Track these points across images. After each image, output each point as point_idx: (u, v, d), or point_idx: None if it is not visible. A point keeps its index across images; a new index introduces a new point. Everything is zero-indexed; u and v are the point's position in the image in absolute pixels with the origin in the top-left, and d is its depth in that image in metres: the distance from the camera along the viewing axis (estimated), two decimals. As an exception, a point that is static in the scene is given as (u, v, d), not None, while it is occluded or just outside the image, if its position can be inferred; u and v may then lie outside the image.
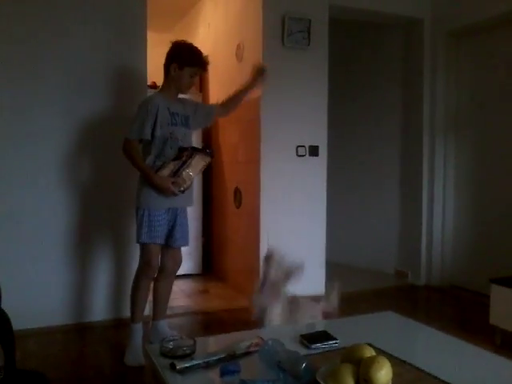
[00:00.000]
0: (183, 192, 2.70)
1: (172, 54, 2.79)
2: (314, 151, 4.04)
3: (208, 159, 2.78)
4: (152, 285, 2.92)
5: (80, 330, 3.28)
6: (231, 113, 3.19)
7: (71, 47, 3.29)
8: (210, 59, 2.86)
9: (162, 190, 2.66)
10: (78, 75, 3.32)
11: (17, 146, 3.19)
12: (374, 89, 5.05)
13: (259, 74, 3.07)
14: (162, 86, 2.89)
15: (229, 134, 4.50)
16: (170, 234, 2.82)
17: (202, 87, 5.00)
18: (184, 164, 2.67)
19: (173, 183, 2.64)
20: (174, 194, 2.67)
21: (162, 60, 2.83)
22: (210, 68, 2.96)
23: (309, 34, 3.91)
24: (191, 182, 2.72)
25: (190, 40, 2.95)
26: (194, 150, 2.76)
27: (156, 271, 2.85)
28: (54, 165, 3.29)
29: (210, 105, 3.19)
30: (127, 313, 2.97)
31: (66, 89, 3.29)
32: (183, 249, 3.00)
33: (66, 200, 3.32)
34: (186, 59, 2.75)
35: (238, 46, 4.18)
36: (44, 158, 3.26)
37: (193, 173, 2.70)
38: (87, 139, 3.35)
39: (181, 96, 2.93)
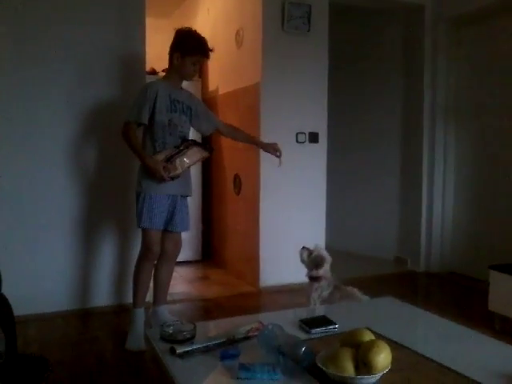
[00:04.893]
0: (172, 179, 2.69)
1: (175, 43, 2.79)
2: (313, 138, 4.03)
3: (205, 154, 2.83)
4: (153, 270, 2.93)
5: (82, 316, 3.30)
6: (229, 138, 3.26)
7: (70, 33, 3.26)
8: (210, 45, 2.84)
9: (152, 172, 2.66)
10: (77, 62, 3.30)
11: (20, 133, 3.19)
12: (374, 75, 5.02)
13: (273, 153, 3.07)
14: (166, 73, 2.92)
15: (228, 120, 4.45)
16: (170, 219, 2.84)
17: (202, 73, 4.96)
18: (180, 152, 2.70)
19: (164, 168, 2.63)
20: (163, 179, 2.66)
21: (161, 46, 2.82)
22: (210, 54, 2.94)
23: (309, 19, 3.87)
24: (183, 171, 2.72)
25: (189, 26, 2.92)
26: (195, 143, 2.81)
27: (157, 256, 2.87)
28: (57, 151, 3.28)
29: (216, 118, 3.19)
30: (129, 299, 2.99)
31: (65, 76, 3.27)
32: (183, 235, 3.01)
33: (68, 186, 3.32)
34: (187, 48, 2.75)
35: (238, 32, 4.15)
36: (46, 145, 3.25)
37: (186, 162, 2.72)
38: (87, 125, 3.34)
39: (187, 90, 2.95)
